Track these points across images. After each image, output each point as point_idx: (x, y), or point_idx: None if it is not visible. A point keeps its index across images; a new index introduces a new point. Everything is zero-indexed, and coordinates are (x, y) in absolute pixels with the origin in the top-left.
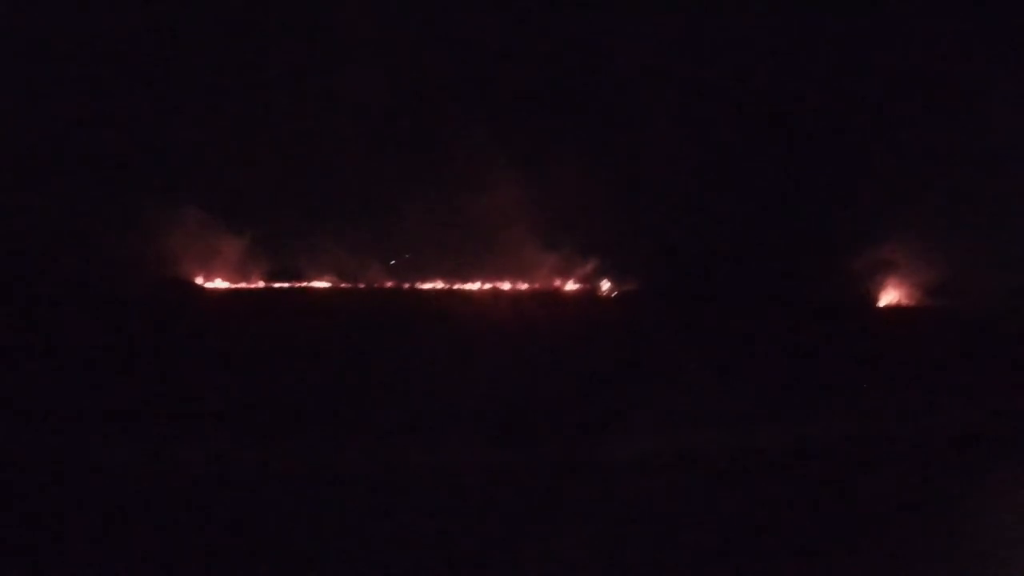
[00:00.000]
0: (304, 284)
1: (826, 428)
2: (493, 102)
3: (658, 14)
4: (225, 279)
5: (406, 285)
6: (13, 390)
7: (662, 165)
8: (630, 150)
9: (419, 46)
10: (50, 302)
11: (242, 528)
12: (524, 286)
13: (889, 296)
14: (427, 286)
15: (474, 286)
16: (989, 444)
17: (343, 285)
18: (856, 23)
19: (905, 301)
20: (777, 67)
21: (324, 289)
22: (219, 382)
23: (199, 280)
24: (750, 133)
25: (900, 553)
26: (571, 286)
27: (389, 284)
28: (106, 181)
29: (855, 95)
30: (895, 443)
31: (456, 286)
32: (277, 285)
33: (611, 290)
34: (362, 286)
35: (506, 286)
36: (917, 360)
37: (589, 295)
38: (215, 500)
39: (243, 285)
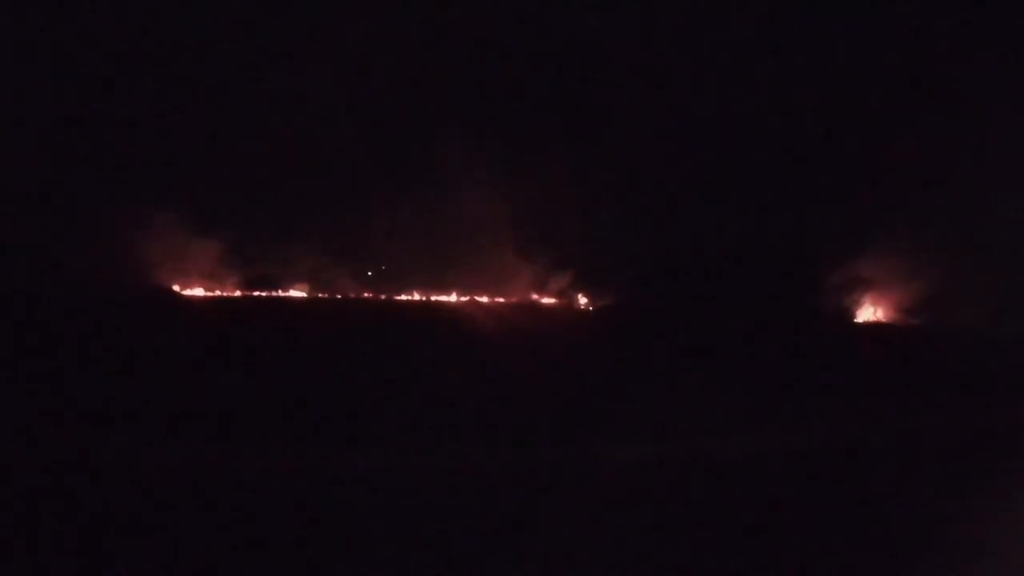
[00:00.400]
0: (281, 293)
1: (812, 435)
2: (472, 112)
3: (638, 24)
4: (202, 287)
5: (383, 296)
6: None
7: (643, 177)
8: (610, 161)
9: (400, 56)
10: (28, 308)
11: (217, 535)
12: (501, 299)
13: (872, 311)
14: (404, 297)
15: (451, 297)
16: (984, 450)
17: (320, 295)
18: (838, 40)
19: (888, 316)
20: (762, 80)
21: (301, 298)
22: (194, 388)
23: (176, 287)
24: (734, 143)
25: (892, 561)
26: (548, 299)
27: (367, 294)
28: (86, 188)
29: (850, 102)
30: (884, 450)
31: (434, 297)
32: (255, 293)
33: (588, 302)
34: (339, 296)
35: (484, 298)
36: (902, 370)
37: (566, 307)
38: (198, 505)
39: (220, 293)
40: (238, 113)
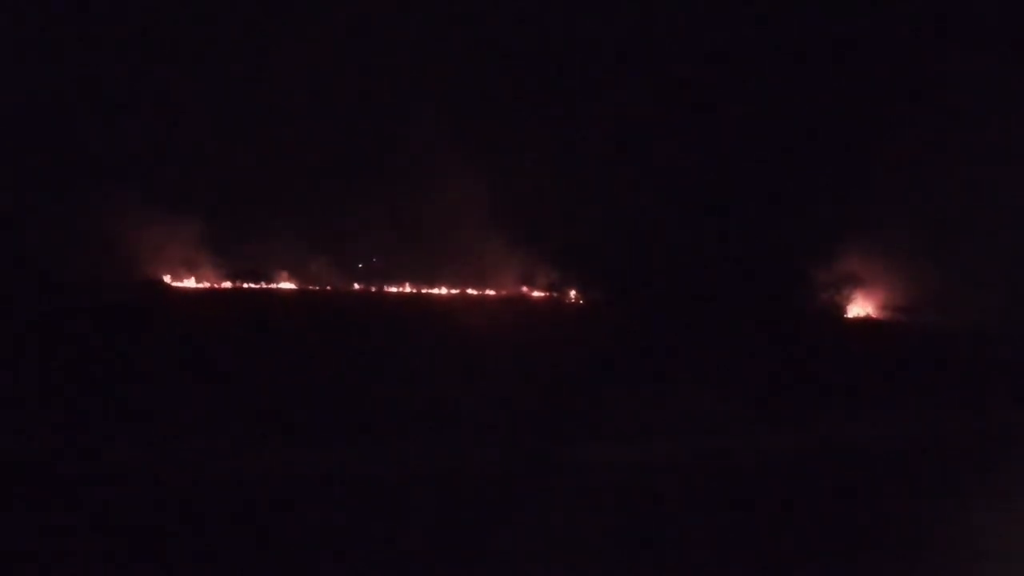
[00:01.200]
0: (272, 285)
1: (809, 435)
2: (464, 107)
3: (630, 18)
4: (193, 279)
5: (374, 288)
6: None
7: (635, 174)
8: (603, 157)
9: (392, 53)
10: (20, 299)
11: (207, 531)
12: (491, 292)
13: (867, 308)
14: (395, 289)
15: (442, 291)
16: (983, 450)
17: (311, 287)
18: (835, 38)
19: (885, 314)
20: (752, 76)
21: (291, 290)
22: (182, 380)
23: (167, 278)
24: (727, 141)
25: (890, 562)
26: (538, 293)
27: (357, 287)
28: (77, 182)
29: (844, 101)
30: (881, 450)
31: (424, 290)
32: (245, 286)
33: (578, 297)
34: (329, 288)
35: (473, 291)
36: (899, 368)
37: (556, 301)
38: (194, 501)
39: (210, 285)
40: (232, 110)
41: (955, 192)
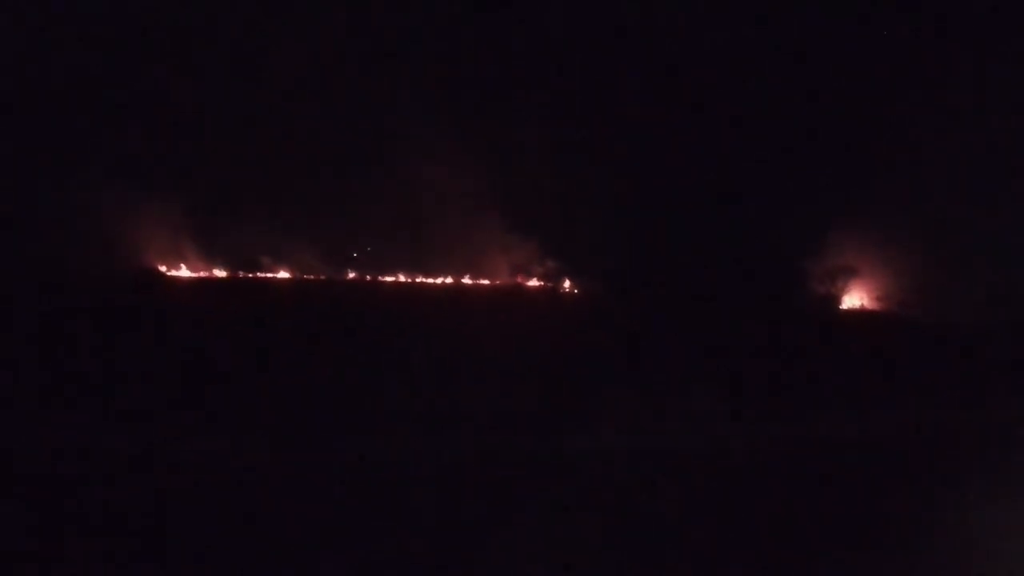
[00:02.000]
0: (267, 275)
1: (807, 431)
2: (461, 96)
3: (631, 18)
4: (188, 268)
5: (368, 277)
6: None
7: (630, 165)
8: (598, 148)
9: (384, 41)
10: (16, 289)
11: (204, 524)
12: (486, 281)
13: (853, 300)
14: (389, 279)
15: (437, 280)
16: (983, 447)
17: (306, 276)
18: (821, 27)
19: (883, 309)
20: (746, 69)
21: (287, 280)
22: (179, 370)
23: (163, 268)
24: (722, 134)
25: (888, 561)
26: (533, 282)
27: (351, 276)
28: (76, 170)
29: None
30: (880, 447)
31: (419, 279)
32: (240, 275)
33: (572, 287)
34: (324, 277)
35: (468, 280)
36: (881, 362)
37: (550, 292)
38: (179, 496)
39: (205, 274)
40: (226, 100)
41: (953, 189)
